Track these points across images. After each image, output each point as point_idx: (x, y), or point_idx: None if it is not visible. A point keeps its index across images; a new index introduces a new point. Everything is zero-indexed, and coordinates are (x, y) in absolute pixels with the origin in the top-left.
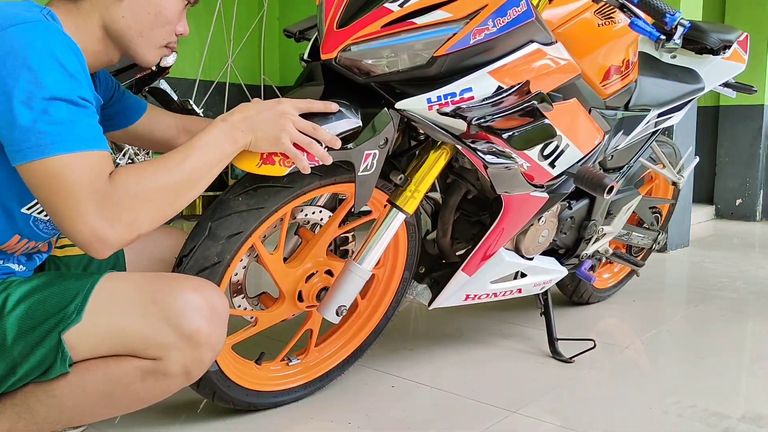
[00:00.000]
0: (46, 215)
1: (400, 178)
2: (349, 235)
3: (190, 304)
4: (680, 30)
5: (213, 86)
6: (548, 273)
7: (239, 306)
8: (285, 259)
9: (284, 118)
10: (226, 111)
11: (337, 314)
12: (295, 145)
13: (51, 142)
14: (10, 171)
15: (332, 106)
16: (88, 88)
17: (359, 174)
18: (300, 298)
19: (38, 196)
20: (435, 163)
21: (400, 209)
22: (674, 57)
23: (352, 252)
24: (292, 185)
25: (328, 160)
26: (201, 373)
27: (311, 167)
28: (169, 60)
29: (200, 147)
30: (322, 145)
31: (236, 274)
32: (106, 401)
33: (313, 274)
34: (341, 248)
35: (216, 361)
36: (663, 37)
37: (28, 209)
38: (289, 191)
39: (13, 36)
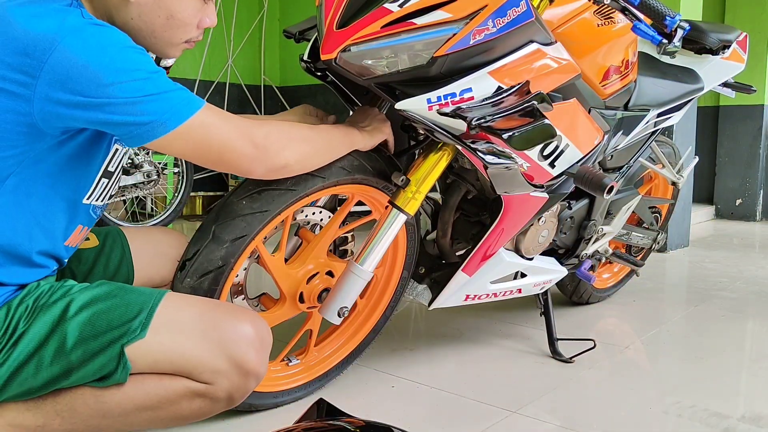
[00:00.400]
0: (102, 201)
1: (402, 180)
2: (348, 235)
3: (246, 336)
4: (680, 33)
5: (213, 86)
6: (548, 273)
7: None
8: (285, 260)
9: (384, 123)
10: (226, 111)
11: (339, 315)
12: None
13: (181, 107)
14: (72, 165)
15: None
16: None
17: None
18: (301, 300)
19: (192, 155)
20: (436, 165)
21: (401, 210)
22: (673, 57)
23: (352, 252)
24: (296, 188)
25: None
26: (242, 399)
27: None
28: (169, 60)
29: (341, 128)
30: None
31: (237, 276)
32: (150, 415)
33: (314, 275)
34: (340, 248)
35: None
36: (665, 41)
37: (87, 199)
38: (293, 194)
39: (91, 35)
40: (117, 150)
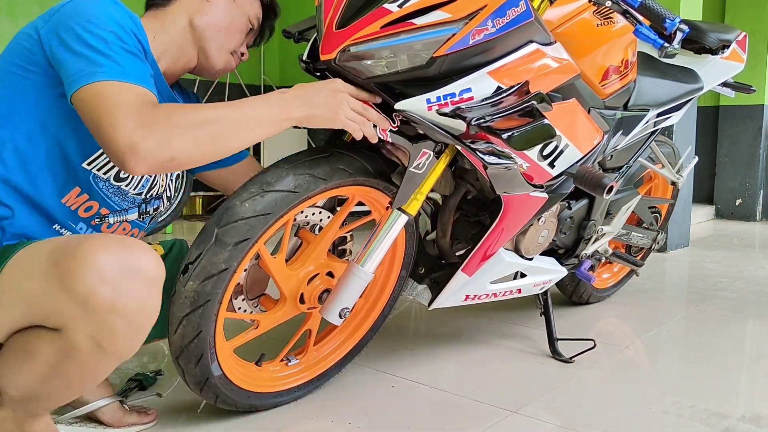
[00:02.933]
0: (105, 173)
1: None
2: (347, 235)
3: (90, 265)
4: (679, 35)
5: (213, 86)
6: (548, 273)
7: (239, 308)
8: (285, 261)
9: (340, 96)
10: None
11: (340, 317)
12: None
13: (101, 71)
14: (72, 123)
15: (376, 99)
16: (138, 50)
17: (410, 169)
18: (301, 300)
19: (86, 119)
20: (437, 165)
21: (402, 211)
22: (673, 57)
23: (350, 252)
24: (299, 190)
25: (375, 139)
26: (121, 345)
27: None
28: None
29: (250, 103)
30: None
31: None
32: (45, 383)
33: (314, 276)
34: (339, 248)
35: (220, 365)
36: (666, 45)
37: (88, 164)
38: (296, 196)
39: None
40: None
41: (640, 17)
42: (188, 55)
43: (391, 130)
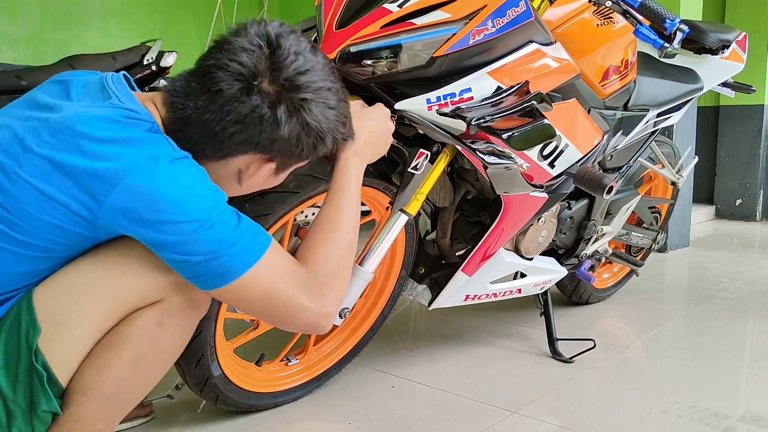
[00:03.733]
0: None
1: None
2: None
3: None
4: (679, 35)
5: None
6: (548, 273)
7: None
8: None
9: (389, 136)
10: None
11: (341, 317)
12: None
13: (239, 260)
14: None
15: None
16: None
17: (408, 170)
18: None
19: (248, 309)
20: (437, 166)
21: (402, 211)
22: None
23: None
24: (299, 190)
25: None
26: (206, 295)
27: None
28: (170, 60)
29: (349, 190)
30: None
31: None
32: (139, 367)
33: None
34: None
35: (220, 365)
36: (666, 45)
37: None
38: (296, 197)
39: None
40: None
41: (640, 17)
42: None
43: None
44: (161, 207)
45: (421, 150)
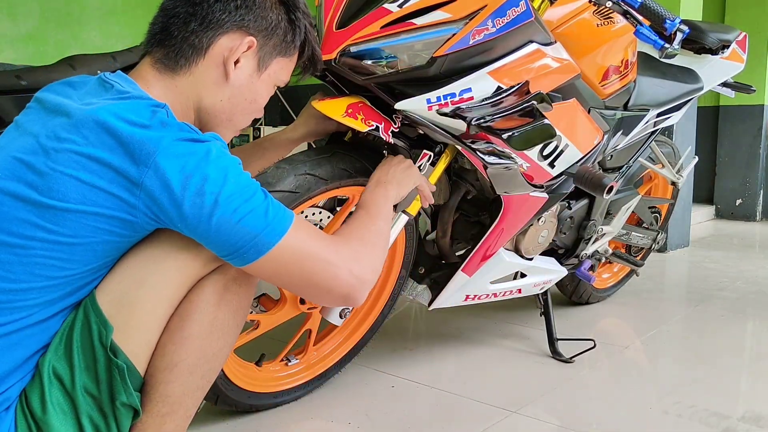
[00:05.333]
0: None
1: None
2: None
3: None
4: (679, 36)
5: None
6: (548, 273)
7: None
8: None
9: (413, 177)
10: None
11: (341, 317)
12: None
13: (273, 229)
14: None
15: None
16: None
17: None
18: (302, 301)
19: (286, 281)
20: (438, 166)
21: (404, 212)
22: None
23: None
24: (300, 191)
25: (432, 199)
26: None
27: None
28: None
29: (376, 202)
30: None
31: None
32: (216, 333)
33: None
34: None
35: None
36: (667, 45)
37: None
38: (297, 196)
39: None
40: None
41: (641, 18)
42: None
43: (393, 131)
44: (194, 181)
45: (425, 151)
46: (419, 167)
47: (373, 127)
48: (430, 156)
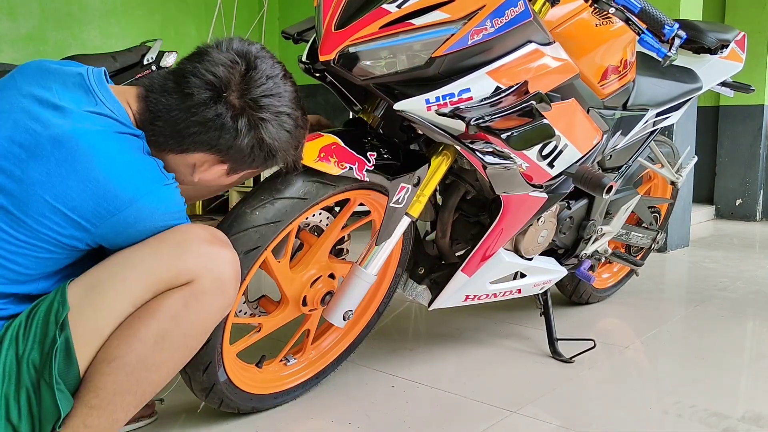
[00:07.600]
0: None
1: (415, 179)
2: (345, 234)
3: (193, 233)
4: (677, 42)
5: None
6: (548, 273)
7: (240, 311)
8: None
9: None
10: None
11: (344, 319)
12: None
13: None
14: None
15: None
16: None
17: (390, 204)
18: (304, 303)
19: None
20: (438, 167)
21: (405, 213)
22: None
23: (347, 251)
24: (308, 197)
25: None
26: (234, 278)
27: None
28: (170, 60)
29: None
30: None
31: None
32: (162, 344)
33: (317, 278)
34: (336, 248)
35: (225, 370)
36: (670, 54)
37: None
38: (305, 203)
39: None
40: None
41: (644, 26)
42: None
43: (367, 169)
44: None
45: (402, 184)
46: (397, 200)
47: (347, 169)
48: (408, 189)
